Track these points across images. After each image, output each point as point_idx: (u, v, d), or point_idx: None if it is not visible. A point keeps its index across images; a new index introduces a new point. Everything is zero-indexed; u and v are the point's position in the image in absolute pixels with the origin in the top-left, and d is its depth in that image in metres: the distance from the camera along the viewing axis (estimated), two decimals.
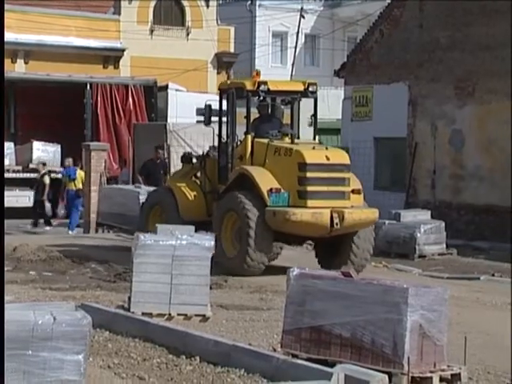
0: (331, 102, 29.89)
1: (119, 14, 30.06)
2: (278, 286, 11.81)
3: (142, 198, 16.03)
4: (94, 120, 23.75)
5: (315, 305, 7.52)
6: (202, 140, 20.87)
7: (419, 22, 21.26)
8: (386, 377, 6.87)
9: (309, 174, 13.16)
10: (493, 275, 14.85)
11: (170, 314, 9.59)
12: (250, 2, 39.19)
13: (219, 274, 12.74)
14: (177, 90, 25.20)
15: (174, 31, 30.92)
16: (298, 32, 34.98)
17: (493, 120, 19.59)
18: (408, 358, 6.99)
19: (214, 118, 14.57)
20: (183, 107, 24.41)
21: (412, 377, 7.03)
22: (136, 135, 22.04)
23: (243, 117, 14.01)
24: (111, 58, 29.61)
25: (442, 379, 7.29)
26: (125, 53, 29.69)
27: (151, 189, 16.37)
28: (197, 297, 9.63)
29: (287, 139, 13.86)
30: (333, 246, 13.70)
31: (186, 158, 15.00)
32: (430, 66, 21.00)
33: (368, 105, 22.40)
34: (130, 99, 24.08)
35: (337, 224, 13.06)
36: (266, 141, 13.69)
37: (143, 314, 9.41)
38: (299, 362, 7.16)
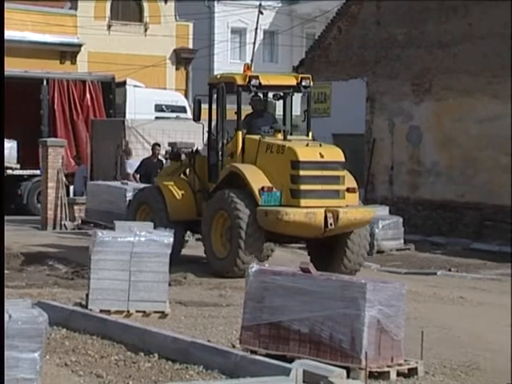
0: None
1: (76, 8, 29.79)
2: (237, 282, 11.81)
3: (130, 196, 15.52)
4: (51, 116, 23.52)
5: (274, 301, 7.54)
6: (161, 136, 20.78)
7: (376, 19, 21.39)
8: (344, 372, 6.92)
9: (302, 172, 12.62)
10: (449, 270, 15.02)
11: (128, 311, 9.54)
12: None
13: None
14: (135, 86, 25.04)
15: (132, 27, 30.74)
16: (256, 28, 34.88)
17: (449, 116, 19.79)
18: (366, 353, 7.04)
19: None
20: (142, 103, 24.27)
21: (370, 371, 7.08)
22: (94, 131, 21.86)
23: (234, 112, 13.37)
24: (68, 53, 29.35)
25: (399, 374, 7.35)
26: (82, 48, 29.45)
27: (140, 186, 15.87)
28: (155, 294, 9.59)
29: (279, 136, 13.26)
30: (326, 247, 13.15)
31: (175, 155, 14.38)
32: (387, 63, 21.14)
33: (326, 101, 22.49)
34: (88, 95, 23.86)
35: (331, 224, 12.52)
36: (257, 137, 13.17)
37: (101, 311, 9.35)
38: (258, 358, 7.17)
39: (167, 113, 24.60)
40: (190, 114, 25.76)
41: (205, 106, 13.57)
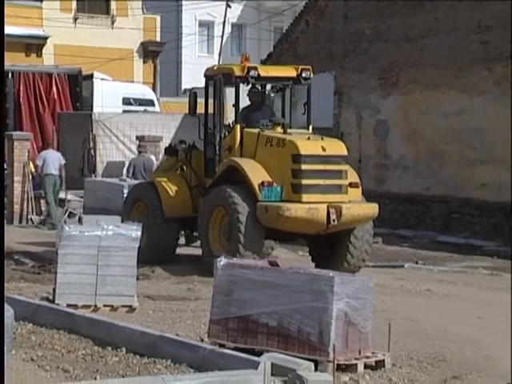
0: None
1: (42, 0, 29.51)
2: (205, 276, 11.79)
3: (126, 192, 14.95)
4: (17, 109, 23.31)
5: (242, 294, 7.54)
6: (129, 130, 20.70)
7: (344, 13, 21.43)
8: (312, 364, 6.94)
9: (304, 167, 12.14)
10: (416, 263, 15.12)
11: (95, 306, 9.50)
12: None
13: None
14: (102, 79, 24.89)
15: (99, 19, 30.52)
16: (224, 21, 34.79)
17: (416, 110, 19.91)
18: (334, 346, 7.07)
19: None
20: (109, 96, 24.14)
21: (337, 364, 7.10)
22: (60, 125, 21.70)
23: (231, 105, 13.03)
24: (34, 45, 29.07)
25: (366, 366, 7.39)
26: (48, 41, 29.18)
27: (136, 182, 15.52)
28: (123, 288, 9.55)
29: (279, 129, 12.78)
30: (328, 244, 12.71)
31: (171, 151, 13.89)
32: (355, 57, 21.20)
33: (295, 95, 22.49)
34: (54, 88, 23.68)
35: (334, 220, 12.05)
36: (256, 131, 12.68)
37: (68, 305, 9.30)
38: (226, 351, 7.17)
39: (135, 106, 24.49)
40: (157, 108, 25.73)
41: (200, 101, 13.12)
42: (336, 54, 21.55)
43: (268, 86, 13.61)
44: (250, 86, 13.11)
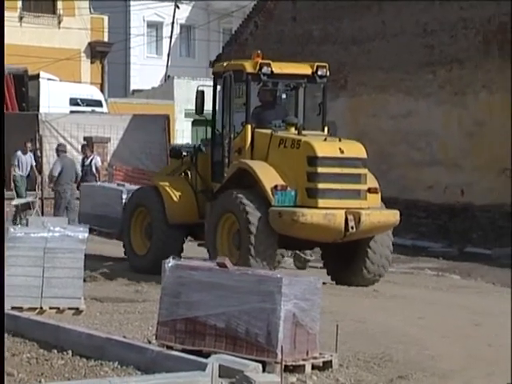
0: (208, 94, 29.79)
1: None
2: (153, 277, 11.73)
3: (125, 198, 14.34)
4: None
5: (190, 296, 7.51)
6: (76, 130, 20.50)
7: (292, 15, 21.54)
8: (260, 366, 6.94)
9: (320, 169, 11.39)
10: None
11: (41, 308, 9.39)
12: None
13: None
14: (49, 80, 24.63)
15: (45, 19, 30.18)
16: (173, 22, 34.71)
17: (364, 112, 20.08)
18: (281, 347, 7.08)
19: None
20: (56, 97, 23.88)
21: (285, 365, 7.12)
22: (6, 125, 21.39)
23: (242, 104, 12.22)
24: None
25: (314, 367, 7.42)
26: None
27: (135, 187, 14.73)
28: (70, 290, 9.46)
29: (292, 130, 11.99)
30: (345, 253, 11.92)
31: (175, 153, 13.13)
32: (303, 59, 21.25)
33: (244, 96, 22.50)
34: None
35: (352, 227, 11.26)
36: (268, 131, 11.89)
37: (13, 308, 9.16)
38: (174, 353, 7.14)
39: (82, 107, 24.28)
40: (105, 108, 25.53)
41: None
42: (285, 56, 21.57)
43: (280, 85, 12.58)
44: (261, 84, 12.27)
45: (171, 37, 36.03)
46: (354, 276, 11.78)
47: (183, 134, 30.31)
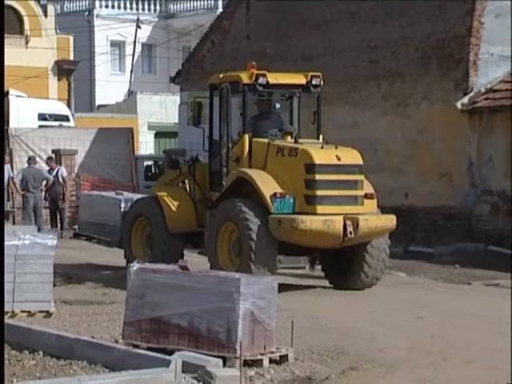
0: (169, 107, 29.81)
1: None
2: (120, 281, 11.64)
3: (124, 206, 14.16)
4: None
5: (155, 297, 7.49)
6: (45, 144, 20.32)
7: (247, 34, 21.58)
8: (221, 361, 6.94)
9: (318, 177, 11.08)
10: (318, 264, 15.23)
11: (13, 312, 9.28)
12: (87, 13, 38.51)
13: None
14: (18, 96, 24.38)
15: (13, 39, 29.91)
16: (134, 41, 34.61)
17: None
18: (240, 343, 7.08)
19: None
20: (25, 112, 23.64)
21: (244, 360, 7.13)
22: None
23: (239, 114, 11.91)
24: None
25: (271, 361, 7.44)
26: None
27: (134, 196, 14.36)
28: (40, 294, 9.36)
29: (289, 138, 11.70)
30: (343, 258, 11.61)
31: (173, 163, 12.75)
32: None
33: (201, 110, 22.47)
34: None
35: (351, 233, 10.97)
36: (266, 140, 11.57)
37: None
38: (139, 351, 7.10)
39: (50, 121, 24.06)
40: (72, 123, 25.33)
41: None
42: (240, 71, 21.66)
43: (275, 95, 12.30)
44: (256, 94, 11.96)
45: (133, 55, 35.94)
46: (352, 280, 11.57)
47: (147, 145, 30.19)
